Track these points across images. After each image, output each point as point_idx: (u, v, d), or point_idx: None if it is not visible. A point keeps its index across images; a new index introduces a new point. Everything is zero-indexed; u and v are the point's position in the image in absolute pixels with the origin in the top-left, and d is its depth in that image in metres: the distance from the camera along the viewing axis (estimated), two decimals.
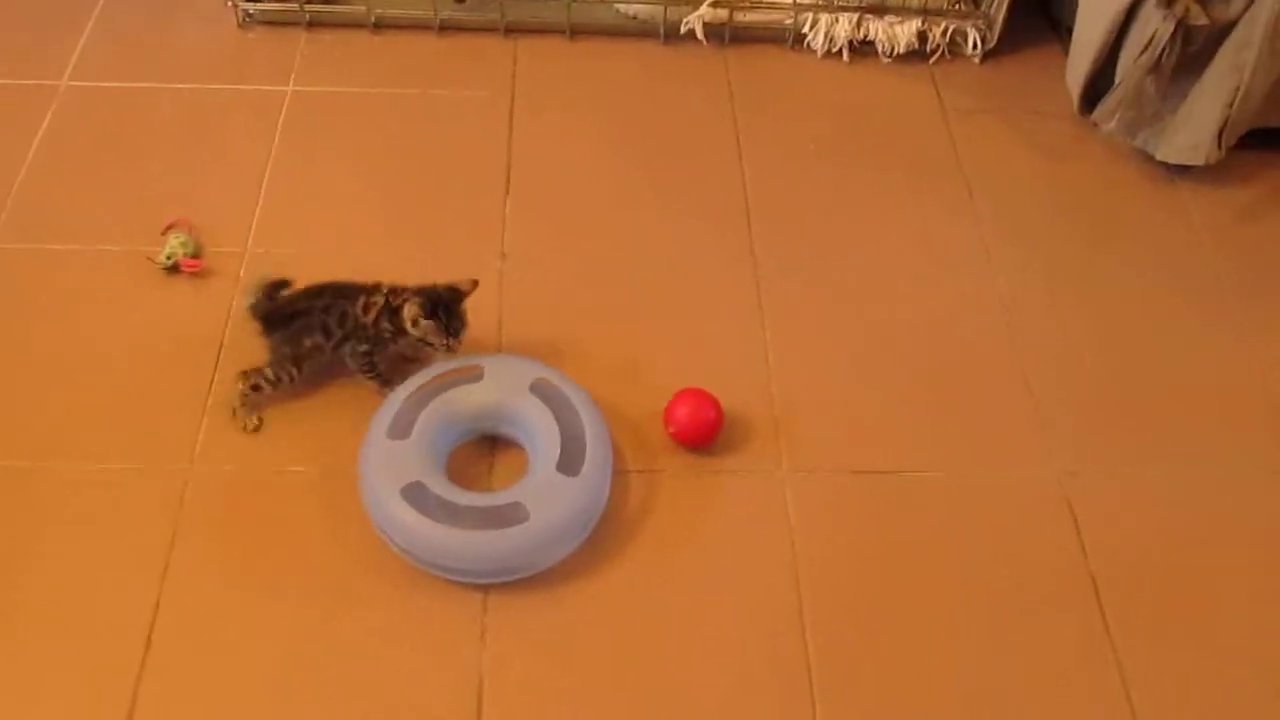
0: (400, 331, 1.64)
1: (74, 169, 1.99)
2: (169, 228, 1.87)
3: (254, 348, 1.72)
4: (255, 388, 1.66)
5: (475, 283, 1.65)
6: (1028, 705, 1.47)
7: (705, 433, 1.67)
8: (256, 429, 1.66)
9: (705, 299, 1.88)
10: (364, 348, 1.65)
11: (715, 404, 1.67)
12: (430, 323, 1.60)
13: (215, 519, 1.56)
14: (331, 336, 1.65)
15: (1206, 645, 1.53)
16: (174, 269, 1.83)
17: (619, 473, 1.62)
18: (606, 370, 1.75)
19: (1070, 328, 1.88)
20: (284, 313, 1.67)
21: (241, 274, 1.84)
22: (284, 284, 1.70)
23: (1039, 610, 1.55)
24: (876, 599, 1.55)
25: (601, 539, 1.57)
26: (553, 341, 1.78)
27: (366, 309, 1.64)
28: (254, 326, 1.67)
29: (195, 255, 1.85)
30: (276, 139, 2.06)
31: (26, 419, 1.66)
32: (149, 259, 1.84)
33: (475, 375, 1.62)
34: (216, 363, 1.73)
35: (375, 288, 1.67)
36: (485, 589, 1.51)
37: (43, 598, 1.49)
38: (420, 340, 1.63)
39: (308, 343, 1.66)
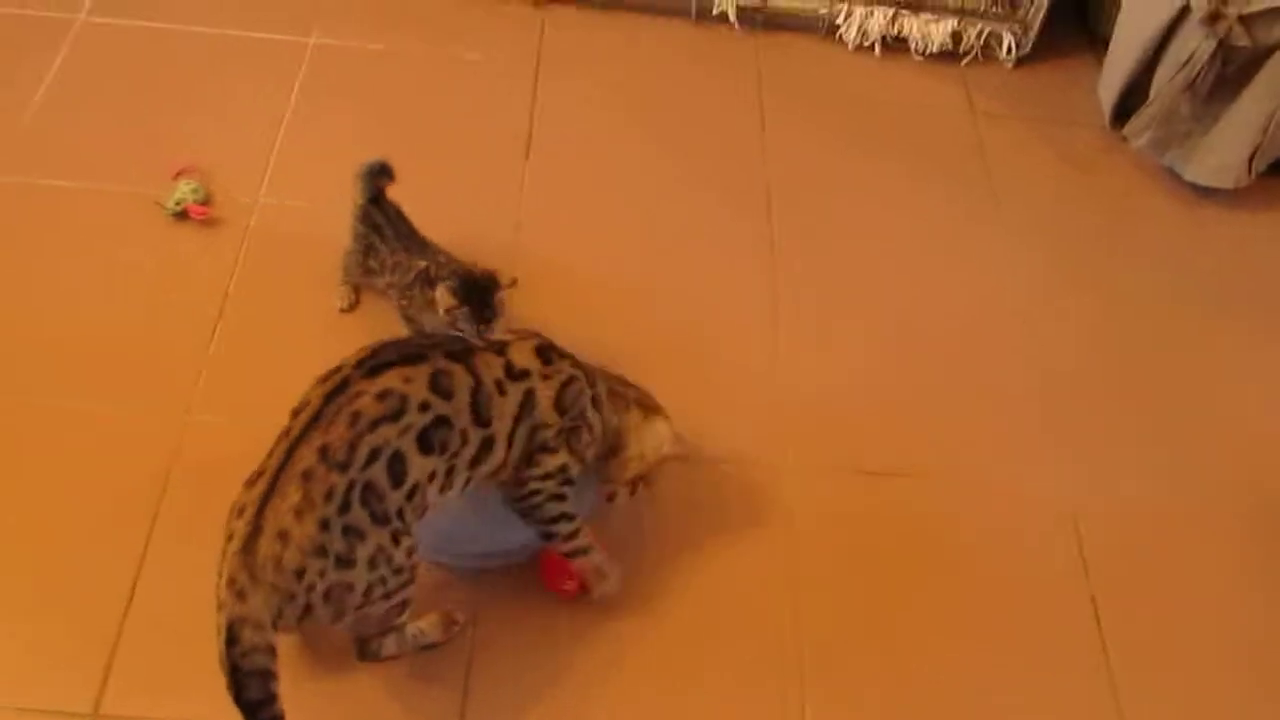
0: (431, 305, 1.58)
1: (87, 106, 1.96)
2: (180, 173, 1.84)
3: (258, 301, 1.69)
4: (346, 267, 1.72)
5: (514, 280, 1.54)
6: (1018, 716, 1.45)
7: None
8: (349, 309, 1.72)
9: (719, 282, 1.86)
10: (405, 302, 1.65)
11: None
12: (463, 309, 1.49)
13: (208, 472, 1.53)
14: (384, 273, 1.67)
15: (1203, 676, 1.51)
16: (182, 215, 1.80)
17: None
18: (614, 348, 1.72)
19: (1087, 340, 1.86)
20: (372, 210, 1.68)
21: (250, 224, 1.81)
22: (385, 170, 1.68)
23: (1036, 625, 1.53)
24: (872, 601, 1.53)
25: (597, 524, 1.54)
26: (563, 314, 1.75)
27: (410, 270, 1.64)
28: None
29: (205, 202, 1.82)
30: (295, 91, 2.03)
31: (20, 353, 1.63)
32: (157, 203, 1.80)
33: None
34: (220, 313, 1.70)
35: (426, 250, 1.67)
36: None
37: (20, 543, 1.46)
38: (448, 323, 1.54)
39: (370, 262, 1.69)
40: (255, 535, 1.17)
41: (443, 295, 1.52)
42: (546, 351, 1.38)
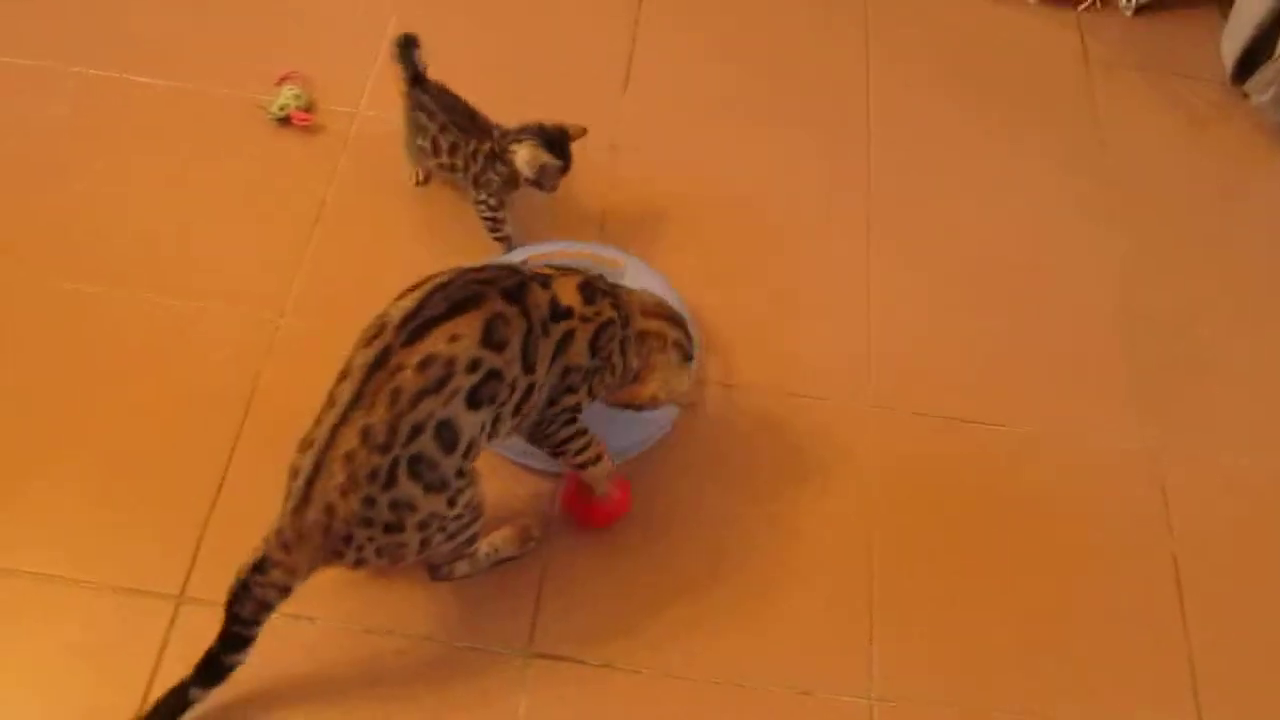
0: (511, 178, 1.61)
1: (194, 5, 1.98)
2: (284, 79, 1.86)
3: (354, 210, 1.72)
4: (408, 151, 1.73)
5: (584, 129, 1.60)
6: (1088, 670, 1.43)
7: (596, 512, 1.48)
8: (422, 182, 1.76)
9: (812, 218, 1.83)
10: (483, 197, 1.66)
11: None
12: (556, 163, 1.54)
13: (297, 374, 1.56)
14: (439, 154, 1.67)
15: None
16: (285, 121, 1.82)
17: (700, 383, 1.60)
18: (704, 276, 1.71)
19: (1185, 298, 1.80)
20: (414, 91, 1.68)
21: (351, 134, 1.83)
22: (412, 41, 1.68)
23: (1114, 580, 1.51)
24: (946, 546, 1.52)
25: (674, 447, 1.55)
26: (654, 239, 1.75)
27: (475, 156, 1.64)
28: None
29: (308, 109, 1.84)
30: (400, 4, 2.03)
31: (117, 247, 1.67)
32: (261, 107, 1.83)
33: (619, 271, 1.60)
34: (317, 217, 1.73)
35: (486, 136, 1.64)
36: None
37: (115, 432, 1.51)
38: (532, 182, 1.59)
39: (419, 142, 1.69)
40: (304, 505, 1.17)
41: (533, 153, 1.55)
42: (589, 289, 1.32)
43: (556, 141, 1.59)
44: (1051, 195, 1.91)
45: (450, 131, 1.66)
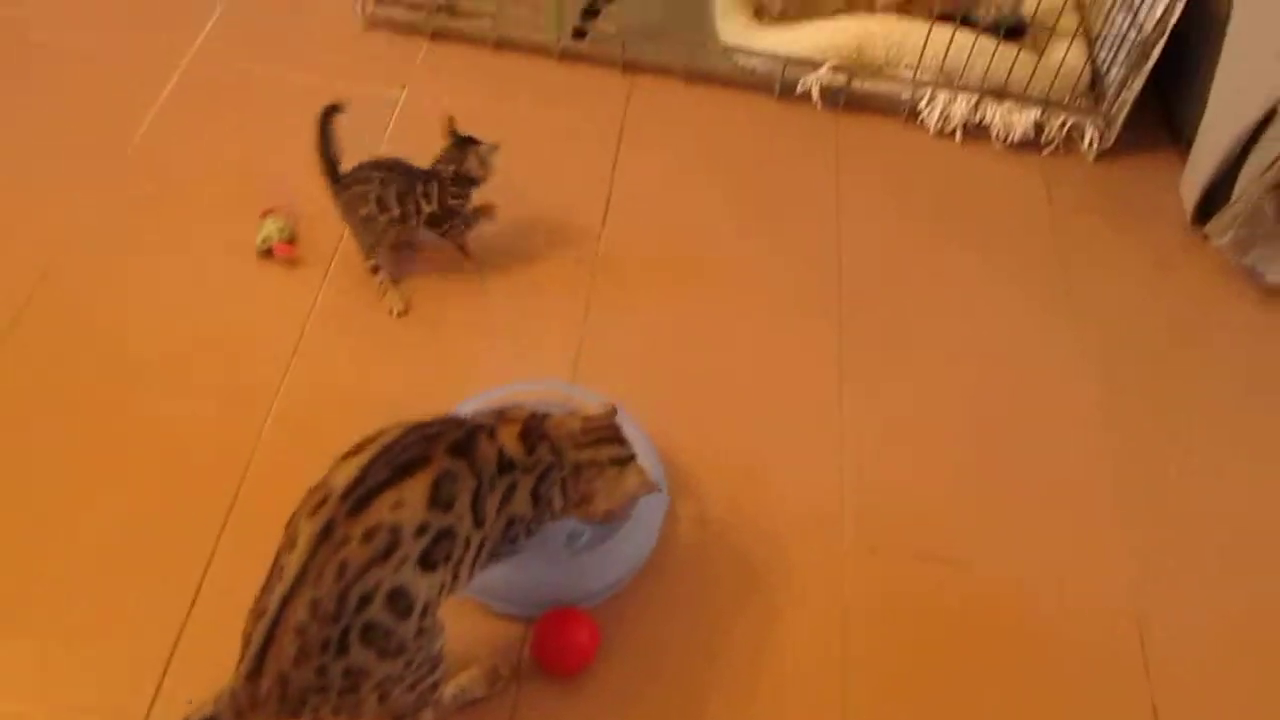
0: (466, 190, 1.81)
1: (186, 141, 2.03)
2: (268, 211, 1.89)
3: (336, 340, 1.74)
4: (373, 269, 1.82)
5: (496, 146, 1.81)
6: None
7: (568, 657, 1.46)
8: (402, 314, 1.81)
9: (787, 355, 1.86)
10: (452, 223, 1.81)
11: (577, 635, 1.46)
12: (489, 144, 1.80)
13: (270, 502, 1.56)
14: (388, 209, 1.77)
15: None
16: (268, 253, 1.85)
17: (672, 519, 1.60)
18: (675, 416, 1.73)
19: (1159, 438, 1.82)
20: (340, 178, 1.78)
21: (332, 265, 1.86)
22: (335, 109, 1.78)
23: None
24: (923, 688, 1.50)
25: (647, 587, 1.54)
26: (627, 377, 1.76)
27: (427, 196, 1.78)
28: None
29: (290, 241, 1.87)
30: (385, 139, 2.08)
31: (111, 357, 1.68)
32: (246, 239, 1.86)
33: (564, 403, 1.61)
34: (294, 350, 1.74)
35: (432, 174, 1.79)
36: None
37: (88, 541, 1.49)
38: (480, 180, 1.81)
39: (363, 212, 1.77)
40: (257, 674, 1.15)
41: (486, 152, 1.80)
42: (530, 437, 1.31)
43: (470, 138, 1.83)
44: (1022, 333, 1.95)
45: (392, 183, 1.76)
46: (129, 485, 1.56)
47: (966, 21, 2.25)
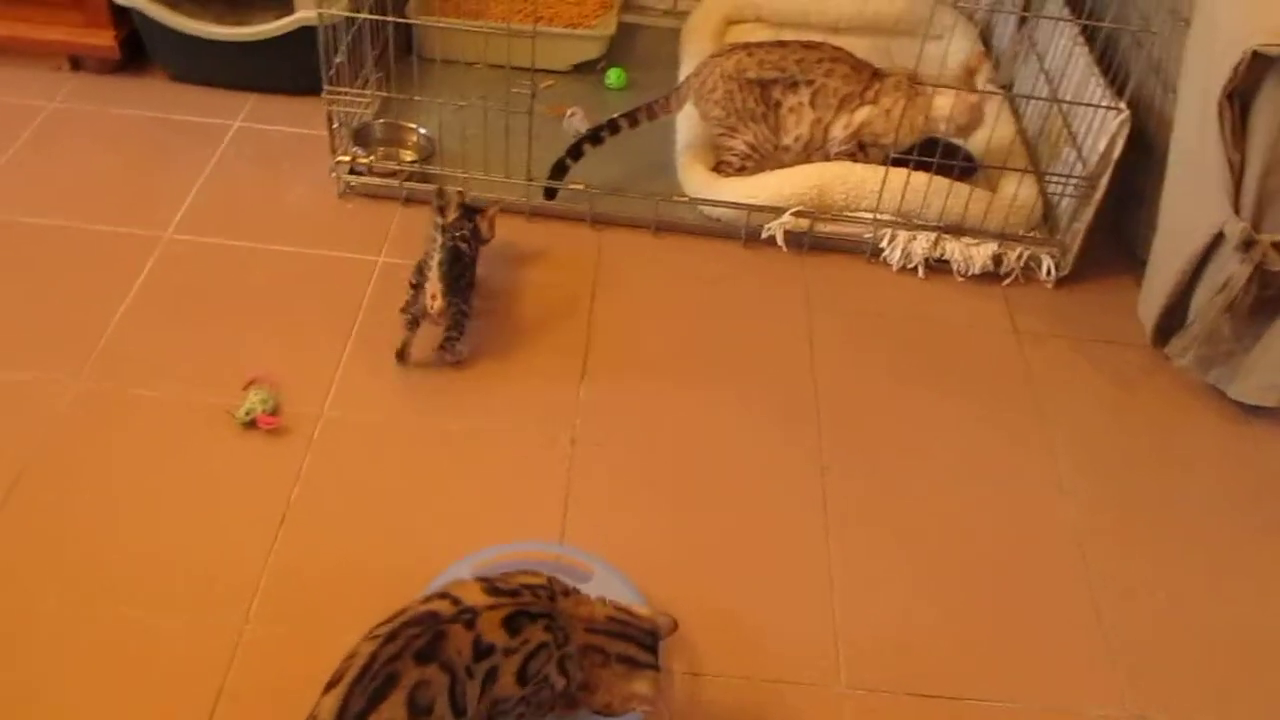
0: (475, 250, 2.12)
1: (167, 318, 2.06)
2: (250, 383, 1.92)
3: (319, 514, 1.74)
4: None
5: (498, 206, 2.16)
6: None
7: None
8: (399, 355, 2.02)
9: (771, 499, 1.88)
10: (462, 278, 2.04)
11: None
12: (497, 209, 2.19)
13: (262, 685, 1.54)
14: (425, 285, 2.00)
15: None
16: (251, 424, 1.87)
17: (665, 673, 1.59)
18: (663, 564, 1.73)
19: (1141, 562, 1.84)
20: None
21: (315, 435, 1.87)
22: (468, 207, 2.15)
23: None
24: None
25: None
26: (614, 532, 1.78)
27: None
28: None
29: (274, 412, 1.89)
30: (363, 305, 2.13)
31: (86, 556, 1.67)
32: (228, 412, 1.88)
33: (586, 576, 1.65)
34: (281, 520, 1.74)
35: (450, 226, 2.05)
36: None
37: None
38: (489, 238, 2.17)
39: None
40: None
41: (492, 215, 2.17)
42: (517, 620, 1.32)
43: (476, 206, 2.16)
44: (998, 462, 1.99)
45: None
46: (99, 704, 1.52)
47: (921, 165, 2.33)
